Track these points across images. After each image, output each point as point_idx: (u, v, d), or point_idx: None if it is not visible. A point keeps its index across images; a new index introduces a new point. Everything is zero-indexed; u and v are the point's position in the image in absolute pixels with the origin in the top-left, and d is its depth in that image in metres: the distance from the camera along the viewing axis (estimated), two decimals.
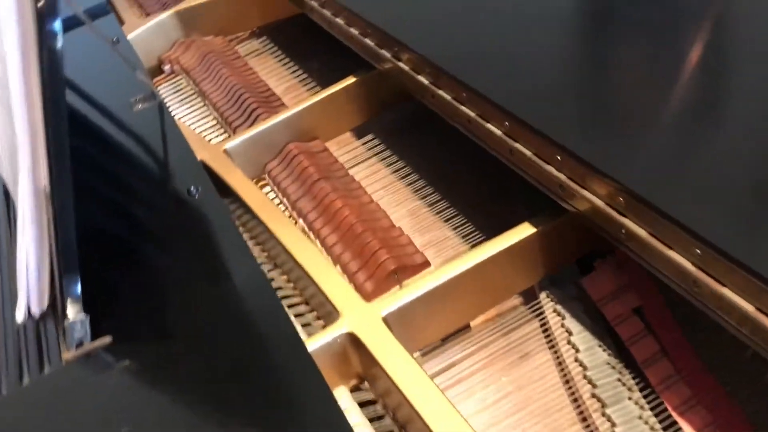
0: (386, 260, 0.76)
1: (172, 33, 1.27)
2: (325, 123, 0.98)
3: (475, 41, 0.75)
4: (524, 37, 0.74)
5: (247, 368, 0.62)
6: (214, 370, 0.63)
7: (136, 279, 0.73)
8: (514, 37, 0.74)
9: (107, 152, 0.95)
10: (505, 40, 0.74)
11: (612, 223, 0.59)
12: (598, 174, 0.58)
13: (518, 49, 0.72)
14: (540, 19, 0.76)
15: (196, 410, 0.59)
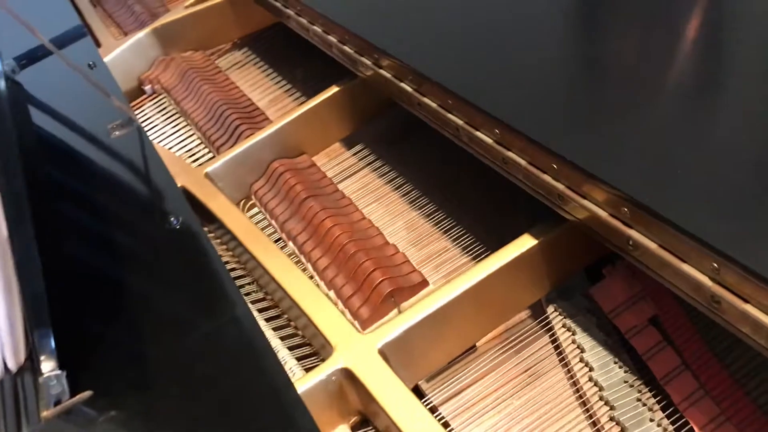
0: (381, 283, 0.71)
1: (151, 51, 1.23)
2: (311, 136, 0.93)
3: (459, 45, 0.70)
4: (511, 39, 0.69)
5: (235, 416, 0.58)
6: (200, 419, 0.59)
7: (116, 323, 0.69)
8: (500, 39, 0.69)
9: (83, 184, 0.91)
10: (491, 43, 0.69)
11: (617, 234, 0.54)
12: (599, 183, 0.53)
13: (505, 52, 0.67)
14: (528, 20, 0.70)
15: None
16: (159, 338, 0.66)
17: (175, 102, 1.13)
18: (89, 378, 0.63)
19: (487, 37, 0.69)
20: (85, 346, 0.66)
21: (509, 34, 0.68)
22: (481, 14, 0.73)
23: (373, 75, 0.80)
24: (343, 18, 0.83)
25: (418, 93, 0.72)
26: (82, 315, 0.69)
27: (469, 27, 0.72)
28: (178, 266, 0.74)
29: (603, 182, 0.52)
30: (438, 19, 0.75)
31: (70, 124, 1.06)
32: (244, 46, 1.25)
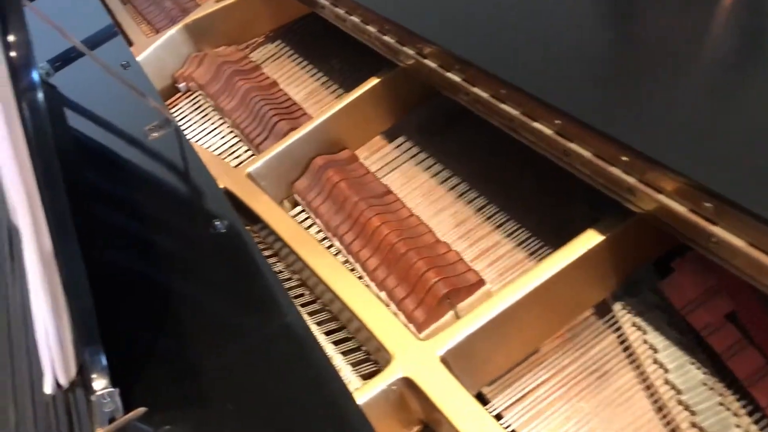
0: (436, 284, 0.68)
1: (183, 48, 1.20)
2: (352, 130, 0.90)
3: (510, 31, 0.66)
4: (571, 22, 0.64)
5: (294, 430, 0.55)
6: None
7: (165, 335, 0.67)
8: (558, 22, 0.65)
9: (123, 190, 0.89)
10: (547, 28, 0.64)
11: (698, 231, 0.50)
12: (678, 177, 0.49)
13: (565, 36, 0.63)
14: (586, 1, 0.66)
15: None
16: (210, 349, 0.64)
17: (210, 99, 1.10)
18: (142, 393, 0.61)
19: (543, 21, 0.65)
20: (135, 360, 0.64)
21: (568, 16, 0.64)
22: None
23: (415, 65, 0.76)
24: (382, 7, 0.79)
25: (466, 83, 0.69)
26: (131, 328, 0.67)
27: (521, 11, 0.67)
28: (225, 273, 0.72)
29: (685, 177, 0.48)
30: (486, 3, 0.70)
31: (106, 127, 1.05)
32: (277, 39, 1.22)
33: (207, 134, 1.08)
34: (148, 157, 0.94)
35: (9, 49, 0.52)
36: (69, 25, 1.17)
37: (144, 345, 0.66)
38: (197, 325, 0.66)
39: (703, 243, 0.50)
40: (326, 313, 0.75)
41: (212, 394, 0.61)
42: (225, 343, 0.64)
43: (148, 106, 0.97)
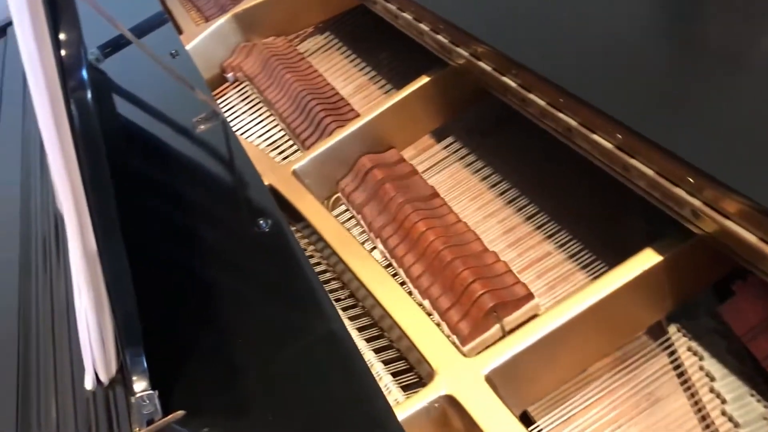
0: (482, 296, 0.66)
1: (232, 38, 1.19)
2: (400, 129, 0.88)
3: (572, 37, 0.63)
4: (638, 31, 0.61)
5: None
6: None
7: (205, 338, 0.66)
8: (623, 30, 0.61)
9: (168, 184, 0.89)
10: (613, 36, 0.61)
11: (764, 258, 0.47)
12: (749, 203, 0.45)
13: (630, 45, 0.59)
14: (658, 9, 0.62)
15: None
16: (250, 354, 0.63)
17: (258, 91, 1.09)
18: (181, 396, 0.61)
19: (608, 27, 0.62)
20: (175, 362, 0.63)
21: (636, 24, 0.60)
22: (599, 3, 0.65)
23: (468, 65, 0.74)
24: (436, 4, 0.76)
25: (522, 88, 0.66)
26: (172, 328, 0.67)
27: (584, 16, 0.64)
28: (268, 275, 0.71)
29: (756, 204, 0.45)
30: (547, 6, 0.67)
31: (154, 116, 1.04)
32: (327, 30, 1.20)
33: (253, 126, 1.07)
34: (195, 150, 0.93)
35: (60, 47, 0.51)
36: (120, 11, 1.17)
37: (184, 346, 0.65)
38: (238, 329, 0.65)
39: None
40: (368, 319, 0.73)
41: (250, 400, 0.60)
42: (264, 349, 0.63)
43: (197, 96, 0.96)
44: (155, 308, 0.67)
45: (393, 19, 0.88)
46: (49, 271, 0.79)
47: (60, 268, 0.78)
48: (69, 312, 0.71)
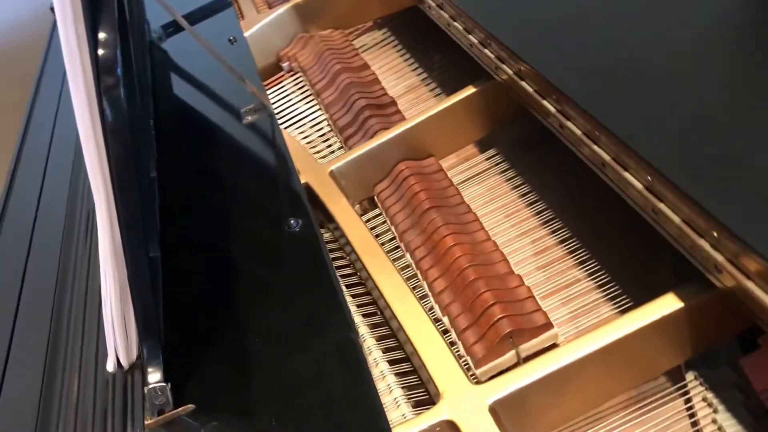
0: (500, 320, 0.66)
1: (291, 27, 1.20)
2: (442, 138, 0.87)
3: (616, 71, 0.61)
4: (683, 77, 0.58)
5: None
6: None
7: (223, 335, 0.68)
8: (668, 73, 0.59)
9: (207, 171, 0.91)
10: (657, 75, 0.59)
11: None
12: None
13: (674, 88, 0.57)
14: (704, 51, 0.59)
15: None
16: (260, 355, 0.65)
17: (309, 84, 1.10)
18: (193, 390, 0.63)
19: (655, 68, 0.59)
20: (191, 357, 0.65)
21: (686, 67, 0.58)
22: (648, 38, 0.62)
23: (511, 82, 0.73)
24: (486, 19, 0.75)
25: (560, 114, 0.65)
26: (191, 323, 0.68)
27: (632, 50, 0.62)
28: (291, 276, 0.72)
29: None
30: (595, 36, 0.65)
31: (206, 99, 1.07)
32: (384, 26, 1.20)
33: (305, 116, 1.08)
34: (239, 139, 0.95)
35: (97, 47, 0.52)
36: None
37: (200, 342, 0.67)
38: (253, 328, 0.67)
39: None
40: (387, 329, 0.74)
41: (255, 401, 0.61)
42: (275, 351, 0.64)
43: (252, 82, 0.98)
44: (178, 300, 0.69)
45: (445, 27, 0.87)
46: (89, 250, 0.82)
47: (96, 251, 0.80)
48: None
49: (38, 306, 0.79)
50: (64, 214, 0.88)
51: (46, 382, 0.71)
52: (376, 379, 0.68)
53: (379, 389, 0.66)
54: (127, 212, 0.56)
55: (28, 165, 1.03)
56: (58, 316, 0.77)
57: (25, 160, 1.03)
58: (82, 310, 0.76)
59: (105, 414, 0.65)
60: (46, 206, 0.92)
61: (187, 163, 0.91)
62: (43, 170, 1.00)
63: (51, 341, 0.75)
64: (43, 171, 1.00)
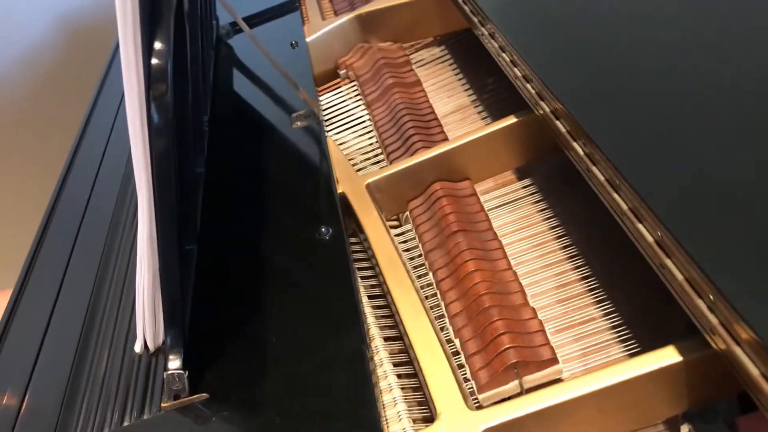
0: (507, 350, 0.68)
1: (352, 36, 1.24)
2: (479, 163, 0.89)
3: (651, 126, 0.62)
4: (722, 137, 0.58)
5: None
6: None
7: (243, 333, 0.72)
8: (707, 134, 0.59)
9: (249, 168, 0.95)
10: (691, 135, 0.59)
11: (766, 396, 0.46)
12: (760, 341, 0.45)
13: (707, 150, 0.57)
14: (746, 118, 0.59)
15: None
16: (275, 356, 0.68)
17: (362, 94, 1.14)
18: (209, 381, 0.67)
19: (691, 130, 0.60)
20: (211, 350, 0.69)
21: (721, 134, 0.58)
22: (697, 108, 0.61)
23: (548, 120, 0.74)
24: (531, 53, 0.77)
25: (588, 158, 0.66)
26: (215, 318, 0.73)
27: (667, 107, 0.62)
28: (315, 283, 0.76)
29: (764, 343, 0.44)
30: (639, 92, 0.66)
31: (261, 97, 1.11)
32: (443, 44, 1.22)
33: (354, 125, 1.11)
34: (285, 144, 0.99)
35: (151, 56, 0.57)
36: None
37: (221, 336, 0.71)
38: (271, 330, 0.71)
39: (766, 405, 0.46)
40: (401, 343, 0.76)
41: (264, 398, 0.65)
42: (290, 354, 0.68)
43: (307, 86, 1.02)
44: (206, 293, 0.74)
45: (495, 56, 0.89)
46: (134, 235, 0.87)
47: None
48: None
49: (82, 280, 0.84)
50: (115, 200, 0.93)
51: (80, 352, 0.76)
52: (384, 391, 0.71)
53: (384, 401, 0.70)
54: (163, 208, 0.60)
55: (90, 146, 1.09)
56: (98, 292, 0.82)
57: (87, 142, 1.10)
58: (120, 289, 0.81)
59: (127, 391, 0.70)
60: (99, 191, 0.98)
61: (233, 161, 0.96)
62: (102, 152, 1.07)
63: (89, 315, 0.80)
64: (102, 153, 1.06)
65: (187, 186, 0.72)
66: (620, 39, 0.73)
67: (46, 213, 0.98)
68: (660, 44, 0.71)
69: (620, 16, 0.77)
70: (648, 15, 0.75)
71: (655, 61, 0.67)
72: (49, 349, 0.77)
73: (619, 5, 0.79)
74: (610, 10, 0.78)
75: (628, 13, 0.76)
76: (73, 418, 0.70)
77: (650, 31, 0.73)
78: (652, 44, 0.71)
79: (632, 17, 0.76)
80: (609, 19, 0.77)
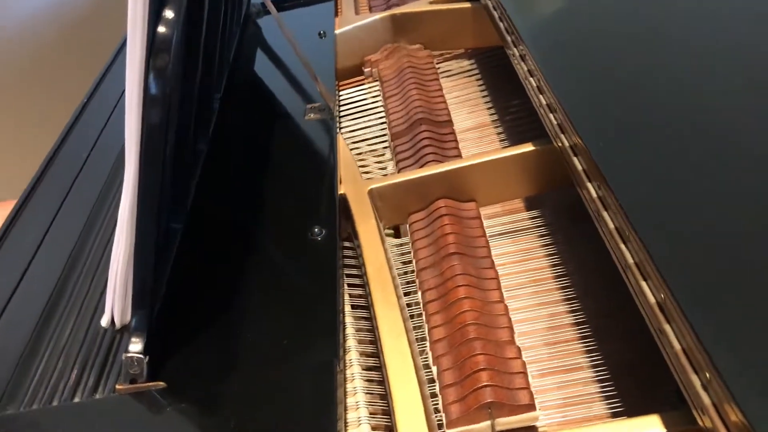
0: (484, 388, 0.64)
1: (382, 35, 1.21)
2: (488, 186, 0.86)
3: (673, 179, 0.58)
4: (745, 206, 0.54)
5: None
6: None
7: (214, 327, 0.69)
8: (731, 194, 0.55)
9: (254, 154, 0.92)
10: (711, 195, 0.56)
11: None
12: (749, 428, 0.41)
13: (726, 217, 0.53)
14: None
15: None
16: (243, 356, 0.65)
17: (383, 96, 1.10)
18: (169, 370, 0.64)
19: (713, 189, 0.56)
20: (177, 339, 0.66)
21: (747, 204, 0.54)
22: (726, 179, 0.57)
23: (565, 154, 0.71)
24: (559, 83, 0.73)
25: (600, 201, 0.62)
26: (189, 307, 0.69)
27: (701, 174, 0.58)
28: (298, 285, 0.73)
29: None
30: (664, 141, 0.62)
31: (279, 82, 1.08)
32: (473, 57, 1.19)
33: (369, 125, 1.08)
34: (294, 135, 0.96)
35: (158, 24, 0.54)
36: None
37: (191, 327, 0.68)
38: (245, 328, 0.67)
39: None
40: (377, 361, 0.73)
41: (224, 398, 0.62)
42: (259, 357, 0.65)
43: (325, 78, 0.99)
44: (184, 279, 0.70)
45: (523, 79, 0.86)
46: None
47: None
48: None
49: (61, 243, 0.82)
50: (109, 169, 0.90)
51: (46, 315, 0.73)
52: (350, 408, 0.68)
53: (349, 419, 0.66)
54: (148, 183, 0.57)
55: (99, 108, 1.06)
56: (75, 258, 0.79)
57: (96, 103, 1.07)
58: (98, 260, 0.78)
59: (84, 366, 0.67)
60: (95, 159, 0.95)
61: (238, 144, 0.93)
62: (113, 108, 1.04)
63: (62, 279, 0.77)
64: (113, 108, 1.04)
65: (181, 164, 0.69)
66: (658, 87, 0.69)
67: (41, 167, 0.96)
68: (703, 100, 0.66)
69: (662, 64, 0.73)
70: (691, 68, 0.70)
71: (693, 117, 0.63)
72: (13, 310, 0.74)
73: (662, 52, 0.75)
74: (652, 54, 0.74)
75: (669, 63, 0.72)
76: (25, 384, 0.67)
77: (693, 86, 0.69)
78: (693, 100, 0.67)
79: (674, 68, 0.72)
80: (648, 63, 0.73)
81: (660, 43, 0.74)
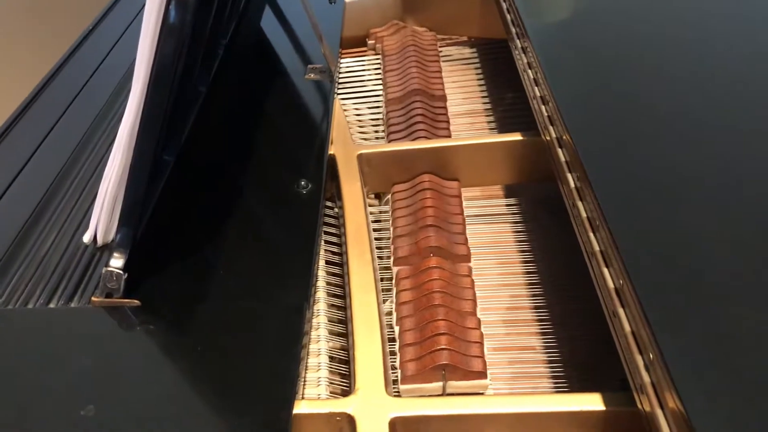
0: (440, 351, 0.67)
1: (391, 11, 1.24)
2: (472, 169, 0.89)
3: (648, 174, 0.61)
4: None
5: (229, 400, 0.57)
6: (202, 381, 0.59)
7: (194, 258, 0.71)
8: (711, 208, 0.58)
9: (250, 105, 0.94)
10: (690, 205, 0.59)
11: None
12: (684, 414, 0.45)
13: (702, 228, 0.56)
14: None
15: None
16: (218, 289, 0.68)
17: (383, 69, 1.13)
18: (146, 291, 0.66)
19: (692, 199, 0.59)
20: (159, 262, 0.69)
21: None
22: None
23: (551, 145, 0.74)
24: (554, 76, 0.77)
25: (577, 192, 0.66)
26: (172, 234, 0.72)
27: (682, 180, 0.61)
28: (279, 231, 0.75)
29: (688, 418, 0.44)
30: (648, 141, 0.66)
31: (284, 42, 1.09)
32: (476, 46, 1.22)
33: (366, 96, 1.10)
34: (294, 91, 0.98)
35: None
36: None
37: (172, 253, 0.70)
38: (224, 263, 0.70)
39: None
40: (343, 315, 0.76)
41: (195, 326, 0.64)
42: (233, 292, 0.67)
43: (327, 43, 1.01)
44: (172, 209, 0.73)
45: (521, 71, 0.89)
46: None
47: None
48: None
49: (55, 153, 0.83)
50: (114, 86, 0.92)
51: (29, 223, 0.75)
52: (312, 354, 0.71)
53: (309, 363, 0.69)
54: (153, 106, 0.59)
55: (106, 33, 1.07)
56: (66, 171, 0.81)
57: (104, 28, 1.08)
58: (89, 176, 0.80)
59: (63, 275, 0.69)
60: (103, 74, 0.97)
61: (237, 92, 0.95)
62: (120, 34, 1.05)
63: (50, 191, 0.79)
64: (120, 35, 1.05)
65: (183, 98, 0.71)
66: (651, 89, 0.72)
67: (37, 86, 0.97)
68: (701, 111, 0.69)
69: (656, 67, 0.76)
70: (694, 76, 0.74)
71: (686, 126, 0.67)
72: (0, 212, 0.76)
73: (658, 57, 0.78)
74: (649, 57, 0.78)
75: (663, 67, 0.76)
76: (2, 285, 0.69)
77: (682, 92, 0.72)
78: (679, 106, 0.70)
79: (667, 72, 0.75)
80: (645, 66, 0.76)
81: (658, 47, 0.78)
